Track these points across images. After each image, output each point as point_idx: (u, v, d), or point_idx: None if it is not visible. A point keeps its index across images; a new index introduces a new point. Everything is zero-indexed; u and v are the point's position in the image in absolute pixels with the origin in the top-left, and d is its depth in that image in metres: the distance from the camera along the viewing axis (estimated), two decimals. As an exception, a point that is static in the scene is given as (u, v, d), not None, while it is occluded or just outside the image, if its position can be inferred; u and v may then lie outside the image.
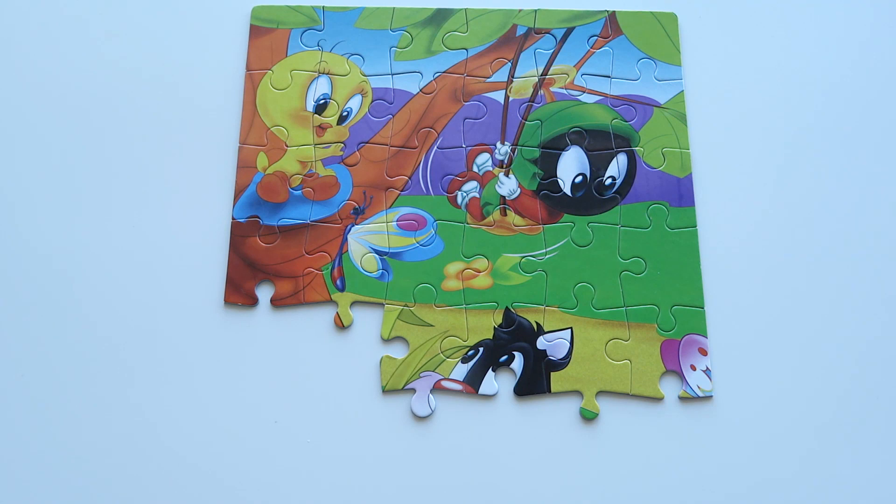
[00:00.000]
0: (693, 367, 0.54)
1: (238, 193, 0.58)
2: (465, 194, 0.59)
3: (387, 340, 0.55)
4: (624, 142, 0.60)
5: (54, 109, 0.61)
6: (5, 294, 0.56)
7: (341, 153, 0.60)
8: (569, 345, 0.55)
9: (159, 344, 0.55)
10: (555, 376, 0.54)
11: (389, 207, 0.58)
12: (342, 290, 0.56)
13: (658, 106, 0.61)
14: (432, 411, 0.54)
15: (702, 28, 0.63)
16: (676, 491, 0.52)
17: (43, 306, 0.56)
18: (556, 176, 0.59)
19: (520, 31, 0.63)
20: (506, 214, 0.58)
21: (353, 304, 0.56)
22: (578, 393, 0.54)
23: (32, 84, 0.61)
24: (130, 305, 0.56)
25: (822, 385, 0.54)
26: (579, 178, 0.59)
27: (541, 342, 0.55)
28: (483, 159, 0.59)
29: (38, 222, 0.58)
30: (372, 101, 0.61)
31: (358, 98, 0.61)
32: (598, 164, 0.59)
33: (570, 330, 0.55)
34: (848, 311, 0.56)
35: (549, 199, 0.59)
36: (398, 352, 0.55)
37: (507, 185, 0.59)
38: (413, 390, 0.54)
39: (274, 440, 0.53)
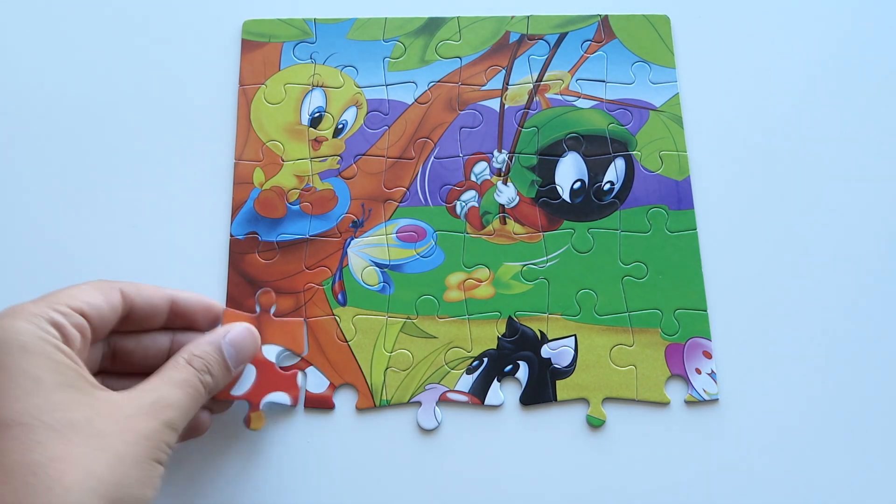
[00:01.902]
0: (698, 371, 0.54)
1: (235, 210, 0.58)
2: (463, 204, 0.58)
3: (390, 353, 0.55)
4: (621, 146, 0.60)
5: (46, 129, 0.60)
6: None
7: (338, 166, 0.59)
8: (573, 352, 0.55)
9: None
10: (560, 384, 0.54)
11: (388, 220, 0.58)
12: (344, 304, 0.56)
13: (654, 109, 0.61)
14: (439, 424, 0.53)
15: (695, 29, 0.63)
16: (686, 494, 0.52)
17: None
18: (554, 182, 0.59)
19: (513, 38, 0.62)
20: (505, 223, 0.58)
21: (356, 317, 0.56)
22: (584, 400, 0.54)
23: (23, 101, 0.61)
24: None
25: (829, 386, 0.54)
26: (578, 184, 0.59)
27: (545, 350, 0.55)
28: (481, 168, 0.59)
29: (30, 238, 0.57)
30: (367, 113, 0.61)
31: (353, 110, 0.61)
32: (596, 169, 0.59)
33: (573, 337, 0.55)
34: (852, 310, 0.56)
35: (548, 206, 0.58)
36: (402, 365, 0.55)
37: (506, 194, 0.59)
38: (419, 403, 0.54)
39: (276, 448, 0.53)
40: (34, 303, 0.42)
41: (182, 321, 0.50)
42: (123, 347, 0.48)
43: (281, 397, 0.53)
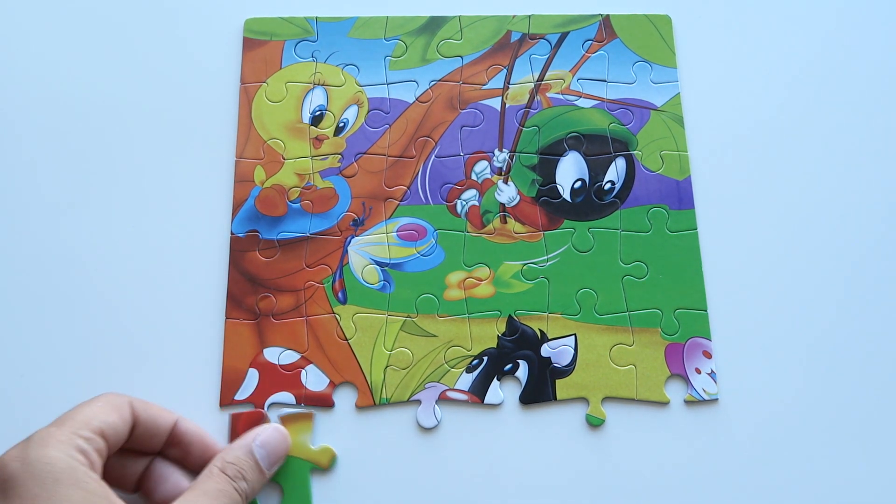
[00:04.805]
0: (698, 371, 0.54)
1: (236, 208, 0.58)
2: (464, 203, 0.58)
3: (390, 352, 0.55)
4: (622, 146, 0.60)
5: (47, 127, 0.60)
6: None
7: (339, 164, 0.59)
8: (573, 351, 0.55)
9: (159, 360, 0.55)
10: (560, 383, 0.54)
11: (389, 218, 0.58)
12: (344, 302, 0.56)
13: (655, 109, 0.61)
14: (438, 422, 0.53)
15: (696, 29, 0.63)
16: (685, 494, 0.52)
17: (38, 319, 0.55)
18: (555, 182, 0.59)
19: (514, 37, 0.63)
20: (506, 222, 0.58)
21: (356, 315, 0.56)
22: (584, 399, 0.54)
23: (23, 98, 0.61)
24: (130, 323, 0.55)
25: (828, 386, 0.54)
26: (578, 184, 0.59)
27: (545, 350, 0.55)
28: (481, 167, 0.59)
29: (30, 237, 0.57)
30: (368, 112, 0.61)
31: (354, 108, 0.61)
32: (597, 168, 0.59)
33: (573, 336, 0.55)
34: (852, 310, 0.56)
35: (548, 205, 0.58)
36: (402, 363, 0.55)
37: (507, 193, 0.59)
38: (418, 402, 0.54)
39: (280, 456, 0.53)
40: (58, 428, 0.42)
41: (176, 451, 0.49)
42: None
43: (285, 397, 0.53)
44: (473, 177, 0.59)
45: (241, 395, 0.54)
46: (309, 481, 0.52)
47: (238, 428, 0.52)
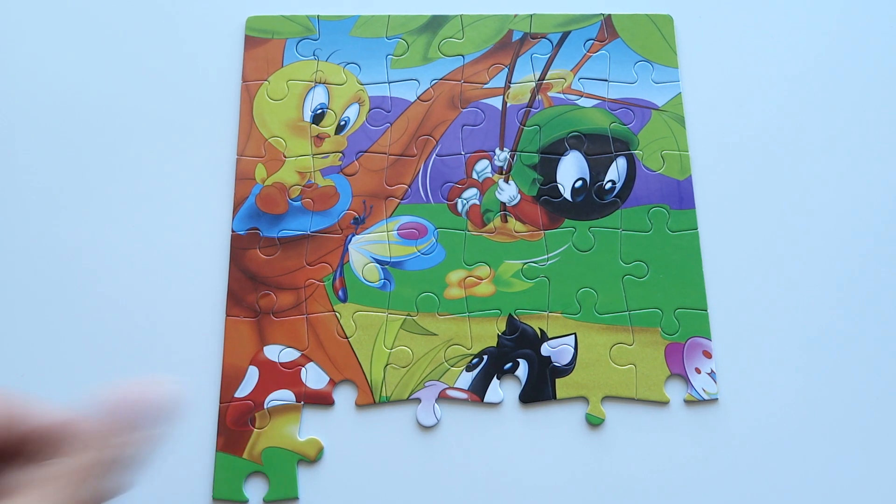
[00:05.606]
0: (698, 370, 0.54)
1: (237, 206, 0.58)
2: (465, 201, 0.58)
3: (390, 350, 0.55)
4: (623, 145, 0.60)
5: (49, 126, 0.60)
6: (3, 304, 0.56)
7: (340, 163, 0.59)
8: (573, 351, 0.55)
9: (159, 358, 0.55)
10: (560, 382, 0.54)
11: (389, 216, 0.58)
12: (344, 300, 0.56)
13: (656, 108, 0.61)
14: (438, 421, 0.53)
15: (697, 29, 0.63)
16: (684, 493, 0.52)
17: (39, 316, 0.55)
18: (555, 181, 0.59)
19: (516, 37, 0.63)
20: (507, 221, 0.58)
21: (356, 314, 0.56)
22: (584, 399, 0.54)
23: (26, 96, 0.61)
24: (130, 321, 0.55)
25: (828, 386, 0.54)
26: (579, 183, 0.59)
27: (545, 349, 0.55)
28: (482, 166, 0.59)
29: (30, 235, 0.57)
30: (369, 110, 0.61)
31: (355, 107, 0.61)
32: (598, 168, 0.59)
33: (573, 335, 0.55)
34: (852, 310, 0.56)
35: (549, 204, 0.58)
36: (402, 362, 0.55)
37: (507, 192, 0.59)
38: (418, 400, 0.54)
39: (279, 454, 0.53)
40: None
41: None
42: None
43: (285, 395, 0.53)
44: (474, 175, 0.59)
45: (241, 392, 0.54)
46: (296, 472, 0.52)
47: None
